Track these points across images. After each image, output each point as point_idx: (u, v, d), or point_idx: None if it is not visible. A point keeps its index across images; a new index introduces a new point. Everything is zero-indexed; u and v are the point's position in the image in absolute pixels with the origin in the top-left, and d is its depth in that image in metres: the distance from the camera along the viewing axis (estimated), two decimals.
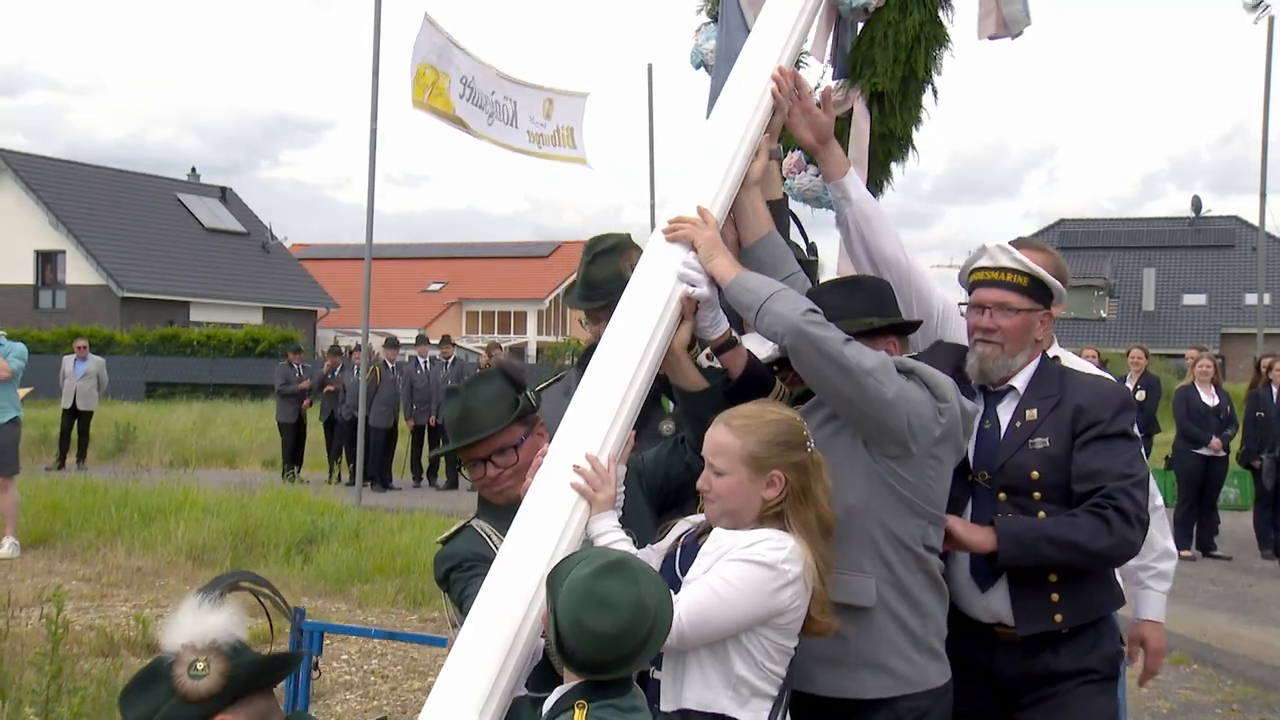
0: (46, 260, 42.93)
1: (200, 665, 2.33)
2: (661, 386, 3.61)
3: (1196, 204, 54.20)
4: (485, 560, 3.17)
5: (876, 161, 4.56)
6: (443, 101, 10.80)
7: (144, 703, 2.36)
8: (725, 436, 3.12)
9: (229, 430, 23.61)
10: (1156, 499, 3.87)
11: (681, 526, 3.39)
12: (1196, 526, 13.46)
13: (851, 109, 4.42)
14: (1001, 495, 3.58)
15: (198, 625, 2.37)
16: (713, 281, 3.43)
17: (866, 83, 4.43)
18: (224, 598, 2.43)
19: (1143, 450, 3.65)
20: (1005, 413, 3.66)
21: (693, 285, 3.41)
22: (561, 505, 3.09)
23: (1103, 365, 16.28)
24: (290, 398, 19.52)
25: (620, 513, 3.24)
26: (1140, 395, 13.77)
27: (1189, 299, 49.33)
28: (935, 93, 4.58)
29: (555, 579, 2.80)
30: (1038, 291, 3.64)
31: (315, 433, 19.89)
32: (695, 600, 2.96)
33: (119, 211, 43.39)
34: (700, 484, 3.17)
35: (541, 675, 3.02)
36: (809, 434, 3.16)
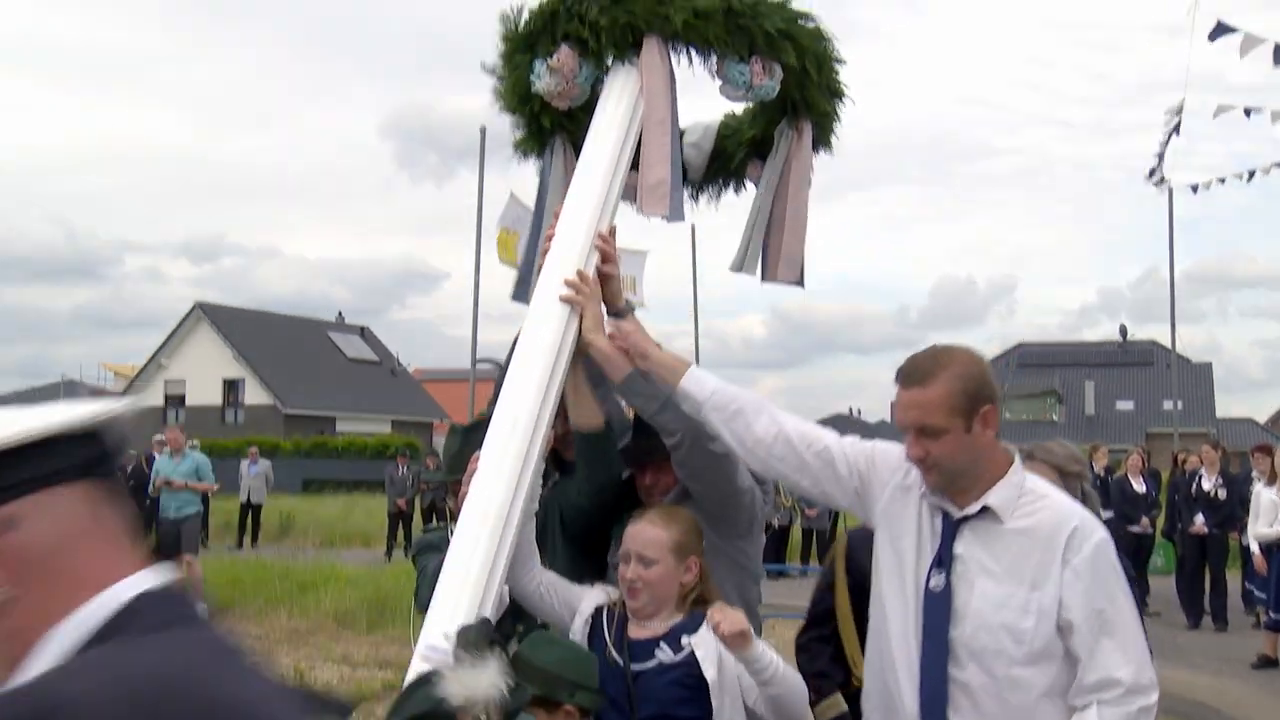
0: (230, 386, 43.59)
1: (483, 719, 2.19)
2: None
3: (1123, 331, 54.10)
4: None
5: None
6: (511, 257, 10.77)
7: None
8: (651, 530, 2.80)
9: (366, 517, 23.59)
10: None
11: (597, 597, 2.95)
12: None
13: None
14: None
15: (477, 681, 2.19)
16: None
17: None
18: (489, 650, 2.25)
19: None
20: None
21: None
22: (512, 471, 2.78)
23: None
24: (394, 492, 19.26)
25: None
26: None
27: (1120, 405, 48.66)
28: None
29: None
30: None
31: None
32: None
33: (284, 347, 44.03)
34: (629, 576, 2.80)
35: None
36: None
